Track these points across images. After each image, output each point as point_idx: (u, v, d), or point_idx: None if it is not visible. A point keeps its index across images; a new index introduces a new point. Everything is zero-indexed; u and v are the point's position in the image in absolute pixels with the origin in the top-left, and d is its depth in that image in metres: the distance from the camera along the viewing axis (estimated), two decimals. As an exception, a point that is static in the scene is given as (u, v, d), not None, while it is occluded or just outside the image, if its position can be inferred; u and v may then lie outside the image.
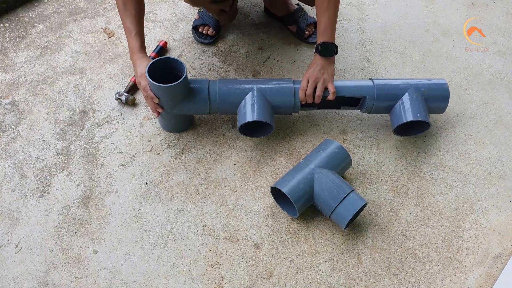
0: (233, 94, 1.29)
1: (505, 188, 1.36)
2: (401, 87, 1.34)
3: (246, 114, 1.25)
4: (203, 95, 1.27)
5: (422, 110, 1.30)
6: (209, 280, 1.14)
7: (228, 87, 1.29)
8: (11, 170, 1.30)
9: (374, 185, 1.33)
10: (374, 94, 1.32)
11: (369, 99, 1.33)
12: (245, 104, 1.27)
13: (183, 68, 1.22)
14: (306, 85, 1.28)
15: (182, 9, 1.75)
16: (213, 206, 1.27)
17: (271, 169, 1.35)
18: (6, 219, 1.21)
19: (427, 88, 1.34)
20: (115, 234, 1.20)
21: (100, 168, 1.32)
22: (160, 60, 1.21)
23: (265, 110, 1.26)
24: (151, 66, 1.19)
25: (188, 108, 1.29)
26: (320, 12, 1.26)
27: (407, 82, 1.35)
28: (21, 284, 1.11)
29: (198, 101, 1.28)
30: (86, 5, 1.75)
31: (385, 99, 1.34)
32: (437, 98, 1.35)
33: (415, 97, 1.32)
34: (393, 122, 1.34)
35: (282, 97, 1.31)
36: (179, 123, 1.38)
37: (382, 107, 1.35)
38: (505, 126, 1.50)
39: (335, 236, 1.23)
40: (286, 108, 1.33)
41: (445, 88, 1.36)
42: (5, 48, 1.58)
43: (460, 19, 1.82)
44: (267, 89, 1.30)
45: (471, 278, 1.18)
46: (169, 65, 1.24)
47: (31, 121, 1.40)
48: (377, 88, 1.33)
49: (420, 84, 1.35)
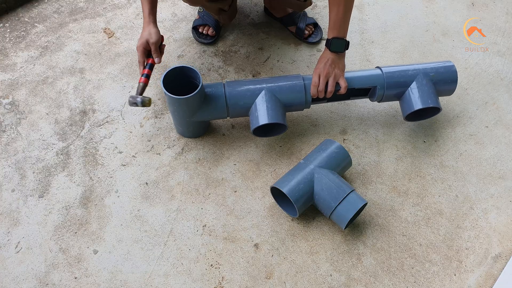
0: (243, 97, 1.27)
1: (505, 188, 1.36)
2: (410, 74, 1.33)
3: (259, 116, 1.24)
4: (220, 100, 1.26)
5: (433, 96, 1.30)
6: (209, 280, 1.14)
7: (237, 90, 1.28)
8: (11, 170, 1.30)
9: (374, 185, 1.33)
10: (384, 83, 1.32)
11: (379, 89, 1.32)
12: (257, 106, 1.26)
13: (198, 77, 1.21)
14: (318, 81, 1.27)
15: (182, 9, 1.75)
16: (213, 206, 1.27)
17: (271, 169, 1.35)
18: (6, 219, 1.21)
19: (435, 72, 1.34)
20: (115, 234, 1.20)
21: (100, 168, 1.32)
22: (174, 69, 1.21)
23: (277, 110, 1.25)
24: (166, 75, 1.18)
25: (206, 115, 1.28)
26: (330, 7, 1.24)
27: (415, 68, 1.34)
28: (21, 284, 1.11)
29: (215, 107, 1.27)
30: (86, 5, 1.75)
31: (395, 86, 1.33)
32: (446, 81, 1.35)
33: (425, 83, 1.31)
34: (404, 109, 1.34)
35: (293, 94, 1.29)
36: (197, 128, 1.37)
37: (392, 94, 1.35)
38: (505, 126, 1.50)
39: (335, 236, 1.23)
40: (297, 105, 1.32)
41: (453, 71, 1.36)
42: (5, 48, 1.58)
43: (460, 19, 1.82)
44: (277, 88, 1.28)
45: (471, 278, 1.18)
46: (184, 73, 1.23)
47: (31, 121, 1.40)
48: (386, 76, 1.32)
49: (428, 68, 1.34)
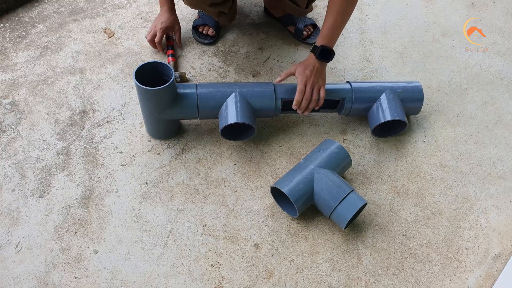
0: (214, 97, 1.28)
1: (505, 188, 1.36)
2: (377, 89, 1.38)
3: (228, 116, 1.25)
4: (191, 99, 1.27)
5: (399, 110, 1.34)
6: (209, 280, 1.14)
7: (209, 91, 1.29)
8: (11, 170, 1.30)
9: (374, 185, 1.34)
10: (352, 96, 1.35)
11: (347, 101, 1.36)
12: (227, 106, 1.27)
13: (171, 73, 1.22)
14: (304, 89, 1.26)
15: (182, 9, 1.75)
16: (213, 206, 1.27)
17: (271, 169, 1.35)
18: (6, 219, 1.21)
19: (402, 90, 1.39)
20: (115, 234, 1.20)
21: (100, 168, 1.32)
22: (148, 64, 1.22)
23: (247, 112, 1.26)
24: (138, 70, 1.19)
25: (176, 113, 1.29)
26: (327, 14, 1.25)
27: (383, 85, 1.39)
28: (21, 284, 1.11)
29: (185, 106, 1.27)
30: (86, 5, 1.75)
31: (363, 101, 1.37)
32: (412, 99, 1.40)
33: (392, 97, 1.36)
34: (371, 122, 1.38)
35: (263, 100, 1.31)
36: (166, 128, 1.37)
37: (360, 108, 1.38)
38: (505, 126, 1.50)
39: (335, 236, 1.23)
40: (267, 111, 1.33)
41: (419, 90, 1.41)
42: (5, 48, 1.58)
43: (460, 19, 1.82)
44: (248, 93, 1.30)
45: (471, 278, 1.18)
46: (158, 69, 1.24)
47: (31, 121, 1.40)
48: (355, 90, 1.36)
49: (395, 86, 1.39)
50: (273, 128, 1.45)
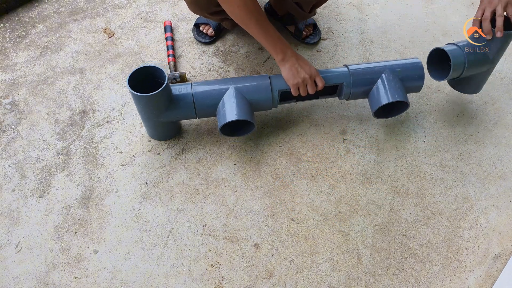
0: (210, 95, 1.27)
1: (505, 188, 1.36)
2: (376, 70, 1.34)
3: (226, 113, 1.24)
4: (187, 99, 1.26)
5: (400, 91, 1.31)
6: (209, 280, 1.14)
7: (204, 89, 1.28)
8: (11, 170, 1.30)
9: (374, 185, 1.34)
10: (350, 80, 1.33)
11: (345, 86, 1.33)
12: (224, 103, 1.26)
13: (164, 76, 1.20)
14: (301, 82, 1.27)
15: (182, 9, 1.75)
16: (213, 206, 1.27)
17: (271, 169, 1.35)
18: (6, 219, 1.21)
19: (402, 68, 1.35)
20: (115, 234, 1.20)
21: (100, 168, 1.32)
22: (140, 69, 1.20)
23: (245, 108, 1.25)
24: (132, 76, 1.18)
25: (174, 115, 1.28)
26: None
27: (381, 65, 1.36)
28: (21, 284, 1.11)
29: (182, 107, 1.26)
30: (86, 5, 1.75)
31: (362, 84, 1.34)
32: (413, 78, 1.36)
33: (391, 78, 1.33)
34: (372, 105, 1.35)
35: (260, 93, 1.29)
36: (166, 130, 1.37)
37: (359, 92, 1.36)
38: (505, 126, 1.50)
39: (335, 236, 1.23)
40: (265, 104, 1.32)
41: (419, 67, 1.37)
42: (5, 48, 1.58)
43: (460, 19, 1.82)
44: (244, 88, 1.28)
45: (471, 278, 1.18)
46: (151, 73, 1.23)
47: (31, 121, 1.40)
48: (353, 73, 1.33)
49: (394, 65, 1.36)
50: (273, 128, 1.45)
